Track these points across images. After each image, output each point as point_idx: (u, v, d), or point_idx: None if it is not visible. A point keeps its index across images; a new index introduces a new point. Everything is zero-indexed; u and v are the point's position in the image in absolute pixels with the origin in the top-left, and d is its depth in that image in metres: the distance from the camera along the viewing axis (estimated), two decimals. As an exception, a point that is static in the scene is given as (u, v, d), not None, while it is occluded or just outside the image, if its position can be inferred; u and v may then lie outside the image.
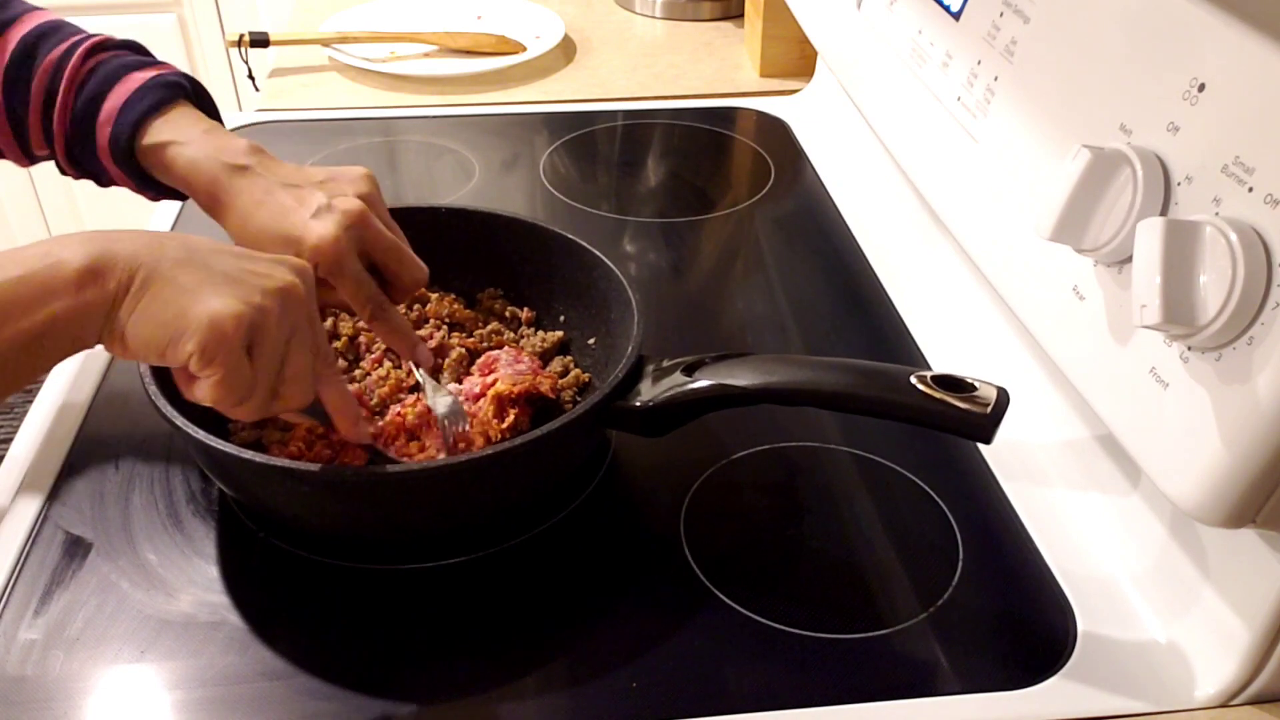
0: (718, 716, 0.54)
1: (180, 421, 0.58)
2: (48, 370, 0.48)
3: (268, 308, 0.50)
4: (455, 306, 0.77)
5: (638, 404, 0.61)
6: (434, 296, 0.77)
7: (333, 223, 0.62)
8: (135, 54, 0.71)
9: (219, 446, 0.57)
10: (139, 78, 0.67)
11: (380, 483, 0.58)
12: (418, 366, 0.68)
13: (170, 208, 0.96)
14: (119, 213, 2.24)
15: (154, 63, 0.70)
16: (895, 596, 0.61)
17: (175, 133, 0.66)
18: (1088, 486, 0.67)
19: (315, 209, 0.62)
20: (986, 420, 0.54)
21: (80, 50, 0.68)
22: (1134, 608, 0.61)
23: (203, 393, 0.50)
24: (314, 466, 0.60)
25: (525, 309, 0.78)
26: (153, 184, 0.70)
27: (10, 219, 2.27)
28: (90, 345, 0.49)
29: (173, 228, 0.94)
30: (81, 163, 0.71)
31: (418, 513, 0.61)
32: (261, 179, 0.65)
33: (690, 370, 0.62)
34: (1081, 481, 0.67)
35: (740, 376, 0.60)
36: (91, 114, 0.67)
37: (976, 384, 0.56)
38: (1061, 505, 0.67)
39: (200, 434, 0.57)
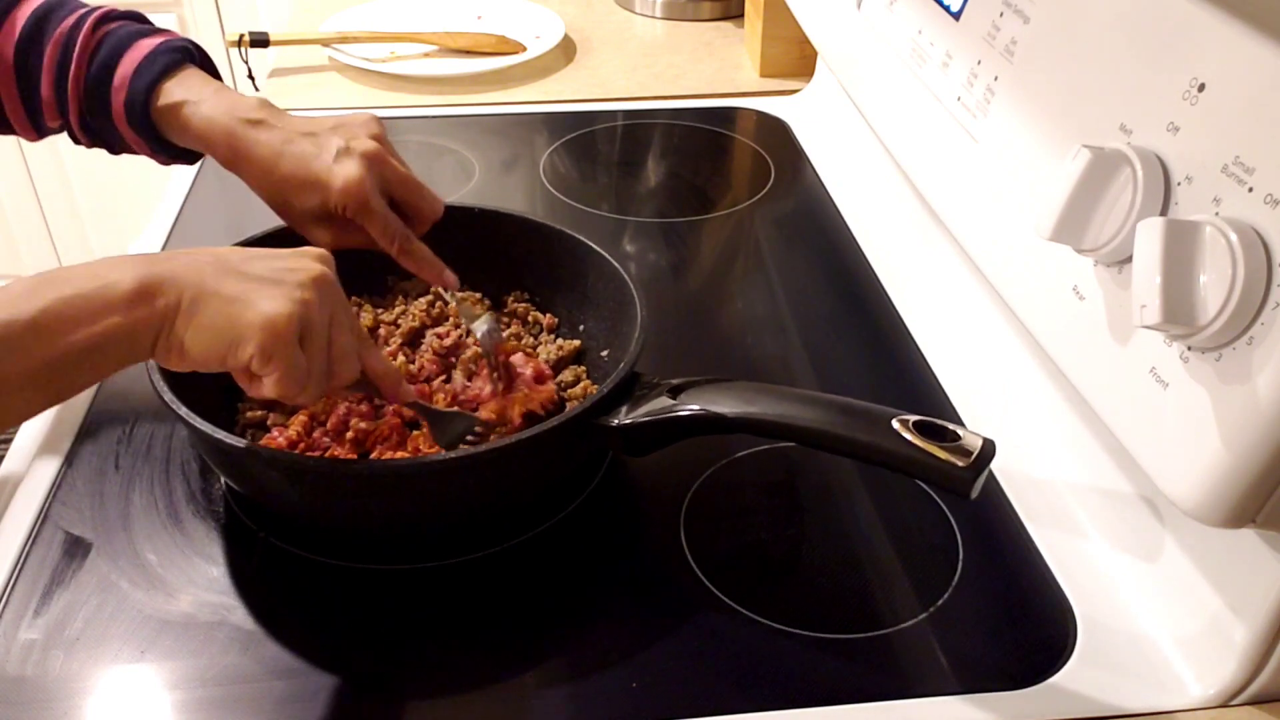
0: (718, 716, 0.54)
1: (169, 398, 0.59)
2: (100, 380, 0.51)
3: (309, 300, 0.53)
4: (478, 307, 0.77)
5: (615, 424, 0.61)
6: (458, 296, 0.77)
7: (355, 164, 0.66)
8: (140, 23, 0.73)
9: (208, 431, 0.58)
10: (148, 44, 0.70)
11: (345, 475, 0.59)
12: (447, 290, 0.72)
13: (171, 205, 0.97)
14: (114, 205, 2.25)
15: (159, 30, 0.73)
16: (895, 596, 0.61)
17: (188, 93, 0.69)
18: (1088, 486, 0.67)
19: (336, 153, 0.66)
20: (965, 474, 0.52)
21: (89, 21, 0.70)
22: (1134, 608, 0.61)
23: (267, 389, 0.53)
24: (284, 453, 0.61)
25: (548, 315, 0.78)
26: (165, 146, 0.72)
27: (6, 208, 2.27)
28: (142, 359, 0.51)
29: (173, 226, 0.94)
30: (95, 130, 0.73)
31: (386, 508, 0.61)
32: (278, 129, 0.68)
33: (676, 392, 0.61)
34: (1081, 481, 0.67)
35: (723, 404, 0.59)
36: (105, 81, 0.70)
37: (960, 433, 0.54)
38: (1061, 505, 0.67)
39: (188, 413, 0.58)
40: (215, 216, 0.97)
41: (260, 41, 1.26)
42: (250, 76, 1.31)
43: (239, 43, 1.25)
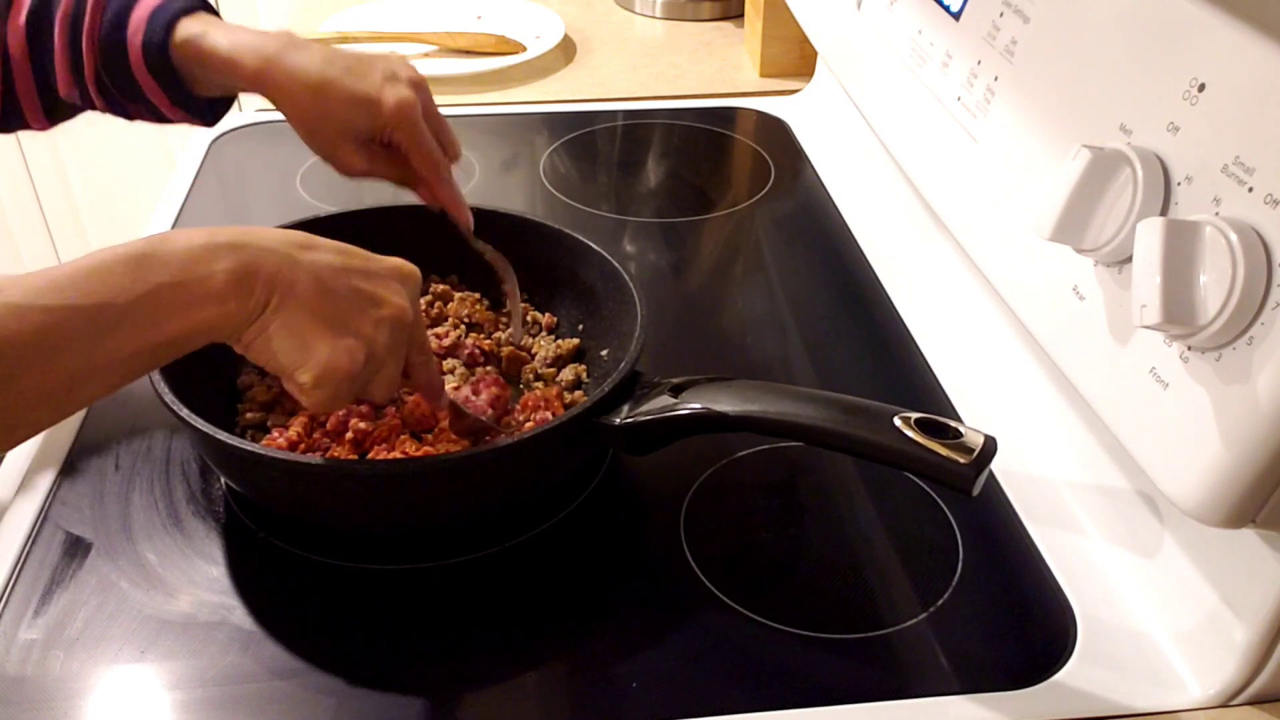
0: (718, 716, 0.54)
1: (170, 399, 0.59)
2: (176, 358, 0.51)
3: (377, 340, 0.54)
4: (477, 307, 0.77)
5: (618, 422, 0.61)
6: (457, 296, 0.77)
7: (406, 87, 0.66)
8: None
9: (209, 432, 0.58)
10: None
11: (346, 475, 0.60)
12: (466, 233, 0.73)
13: (171, 205, 0.97)
14: (113, 204, 2.25)
15: None
16: (895, 596, 0.61)
17: (208, 25, 0.68)
18: (1087, 486, 0.67)
19: (384, 75, 0.66)
20: (967, 471, 0.52)
21: None
22: (1134, 607, 0.61)
23: (305, 404, 0.54)
24: (284, 454, 0.61)
25: (547, 314, 0.78)
26: (183, 96, 0.71)
27: (6, 207, 2.27)
28: (219, 342, 0.52)
29: (173, 226, 0.94)
30: (111, 87, 0.72)
31: (386, 508, 0.61)
32: (316, 51, 0.67)
33: (677, 391, 0.61)
34: (1081, 481, 0.67)
35: (725, 403, 0.59)
36: (120, 29, 0.69)
37: (962, 430, 0.54)
38: (1061, 505, 0.67)
39: (189, 415, 0.58)
40: (215, 217, 0.97)
41: (260, 41, 1.26)
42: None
43: (239, 43, 1.25)
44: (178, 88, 0.70)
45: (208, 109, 0.74)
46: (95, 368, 0.47)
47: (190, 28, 0.68)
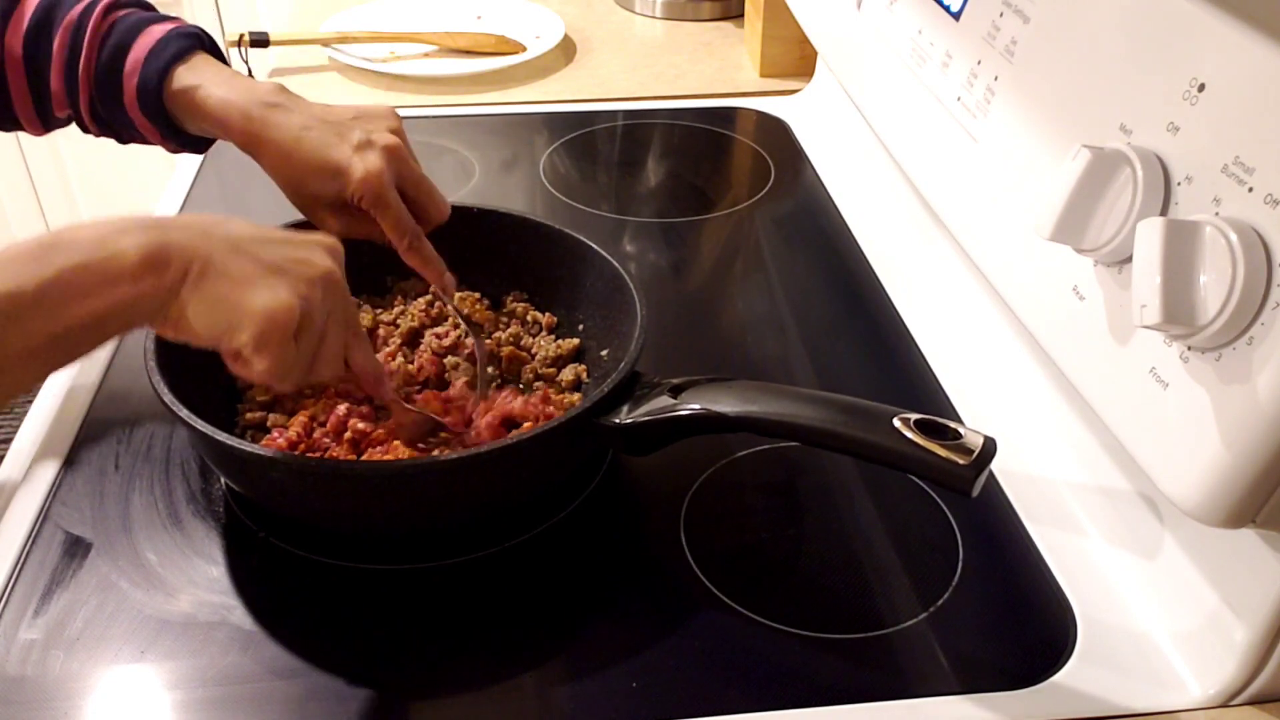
0: (718, 716, 0.54)
1: (169, 399, 0.59)
2: (98, 348, 0.51)
3: (312, 297, 0.53)
4: (477, 307, 0.77)
5: (617, 422, 0.61)
6: (457, 295, 0.77)
7: (376, 156, 0.66)
8: (148, 10, 0.74)
9: (208, 432, 0.58)
10: (158, 30, 0.70)
11: (346, 475, 0.60)
12: (445, 295, 0.72)
13: (171, 207, 0.97)
14: (114, 206, 2.25)
15: (168, 17, 0.73)
16: (895, 596, 0.61)
17: (202, 77, 0.69)
18: (1087, 486, 0.67)
19: (356, 143, 0.66)
20: (966, 472, 0.52)
21: (99, 8, 0.70)
22: (1134, 607, 0.61)
23: (253, 374, 0.53)
24: (284, 454, 0.61)
25: (547, 314, 0.78)
26: (176, 133, 0.72)
27: (6, 208, 2.27)
28: (142, 327, 0.51)
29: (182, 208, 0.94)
30: (105, 118, 0.73)
31: (386, 508, 0.61)
32: (297, 114, 0.68)
33: (677, 392, 0.61)
34: (1081, 481, 0.67)
35: (724, 403, 0.59)
36: (116, 66, 0.70)
37: (961, 431, 0.54)
38: (1061, 505, 0.67)
39: (188, 415, 0.58)
40: (215, 216, 0.97)
41: (260, 41, 1.26)
42: (250, 76, 1.31)
43: (239, 43, 1.25)
44: (171, 127, 0.72)
45: (201, 142, 0.74)
46: (11, 358, 0.46)
47: (184, 79, 0.69)
